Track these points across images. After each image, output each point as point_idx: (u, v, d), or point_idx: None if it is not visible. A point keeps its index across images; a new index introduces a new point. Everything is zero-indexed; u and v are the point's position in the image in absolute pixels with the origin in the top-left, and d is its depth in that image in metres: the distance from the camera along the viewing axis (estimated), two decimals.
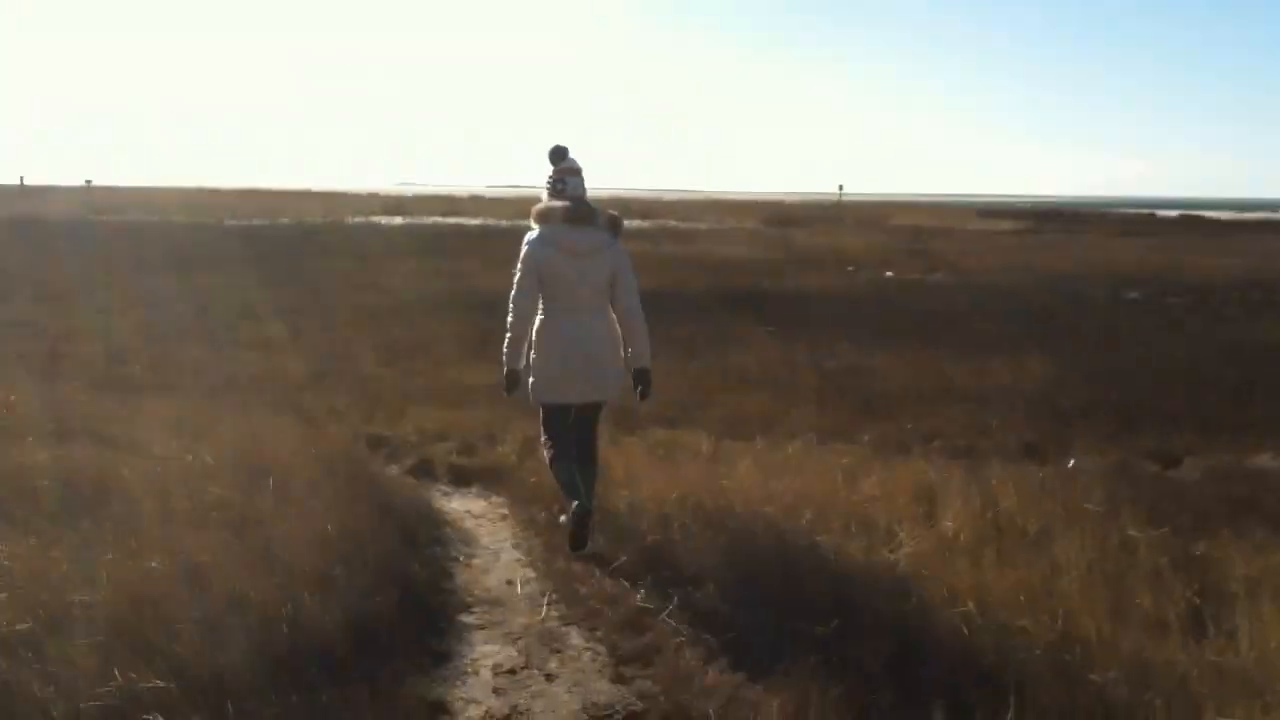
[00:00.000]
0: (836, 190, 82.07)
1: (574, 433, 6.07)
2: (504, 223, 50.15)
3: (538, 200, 6.01)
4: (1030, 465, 8.00)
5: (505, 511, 7.04)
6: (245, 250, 29.35)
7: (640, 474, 6.78)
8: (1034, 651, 4.05)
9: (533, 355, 5.96)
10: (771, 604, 4.65)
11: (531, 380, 5.98)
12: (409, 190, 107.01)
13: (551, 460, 6.10)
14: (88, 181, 79.05)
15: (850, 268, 28.40)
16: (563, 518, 6.19)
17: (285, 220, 48.36)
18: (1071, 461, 8.63)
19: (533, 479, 7.32)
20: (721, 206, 74.32)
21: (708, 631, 4.57)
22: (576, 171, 6.01)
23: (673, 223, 54.91)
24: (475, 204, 71.12)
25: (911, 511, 5.91)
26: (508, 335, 5.94)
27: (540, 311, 5.91)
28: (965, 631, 4.26)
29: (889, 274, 27.13)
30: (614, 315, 5.97)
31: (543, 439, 6.20)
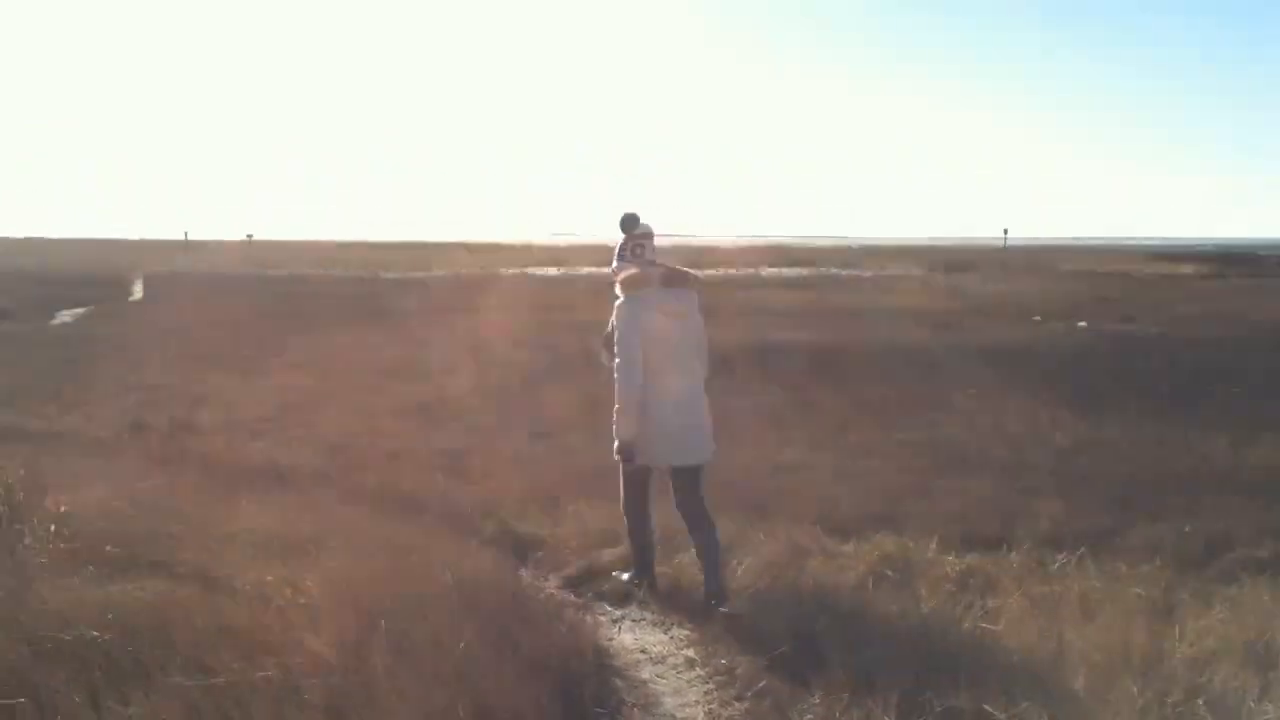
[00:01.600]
0: (1001, 234, 78.98)
1: (677, 499, 6.19)
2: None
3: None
4: None
5: (691, 654, 5.38)
6: (397, 304, 28.51)
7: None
8: None
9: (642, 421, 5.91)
10: None
11: (642, 445, 5.95)
12: (563, 240, 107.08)
13: (637, 529, 6.36)
14: (249, 235, 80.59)
15: (1036, 318, 26.13)
16: (632, 581, 6.36)
17: (440, 273, 47.91)
18: None
19: (737, 604, 5.70)
20: (881, 253, 72.05)
21: None
22: (650, 235, 6.10)
23: (833, 270, 52.98)
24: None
25: None
26: (621, 404, 5.90)
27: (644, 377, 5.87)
28: None
29: (1081, 324, 24.79)
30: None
31: (625, 500, 6.35)
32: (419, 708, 3.98)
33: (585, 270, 52.32)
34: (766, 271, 51.90)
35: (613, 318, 6.09)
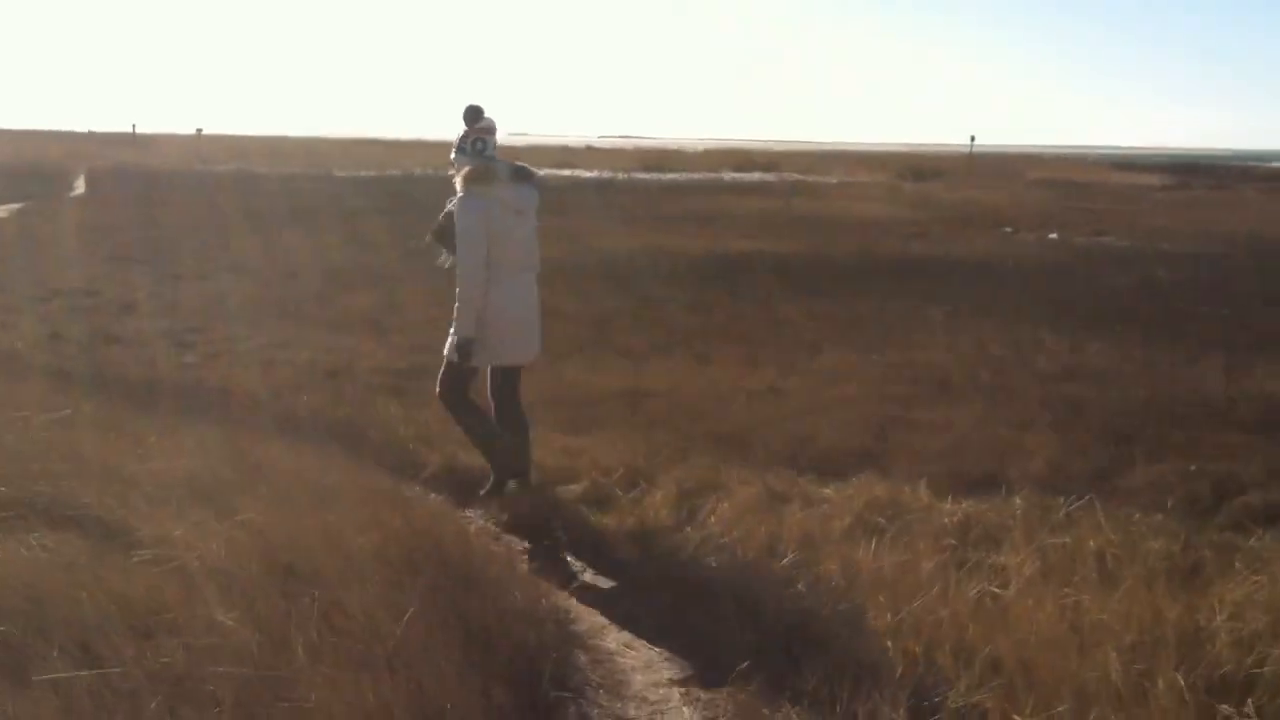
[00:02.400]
0: (968, 141, 78.12)
1: (499, 397, 6.24)
2: (620, 175, 47.89)
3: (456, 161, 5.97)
4: None
5: (666, 622, 4.79)
6: (346, 204, 27.55)
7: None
8: None
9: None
10: None
11: (475, 343, 5.90)
12: (522, 141, 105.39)
13: (483, 426, 6.23)
14: (198, 130, 78.44)
15: (1008, 229, 25.55)
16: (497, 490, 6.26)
17: (394, 172, 46.64)
18: None
19: (711, 560, 5.12)
20: (848, 159, 71.03)
21: None
22: (492, 130, 5.97)
23: (797, 176, 52.09)
24: (590, 155, 68.88)
25: None
26: (463, 302, 5.85)
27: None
28: None
29: (1052, 236, 24.24)
30: None
31: (454, 401, 6.18)
32: (349, 705, 3.36)
33: (544, 170, 51.17)
34: (729, 176, 51.00)
35: (447, 210, 5.99)
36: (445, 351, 6.10)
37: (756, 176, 50.77)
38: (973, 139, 72.76)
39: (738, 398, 9.02)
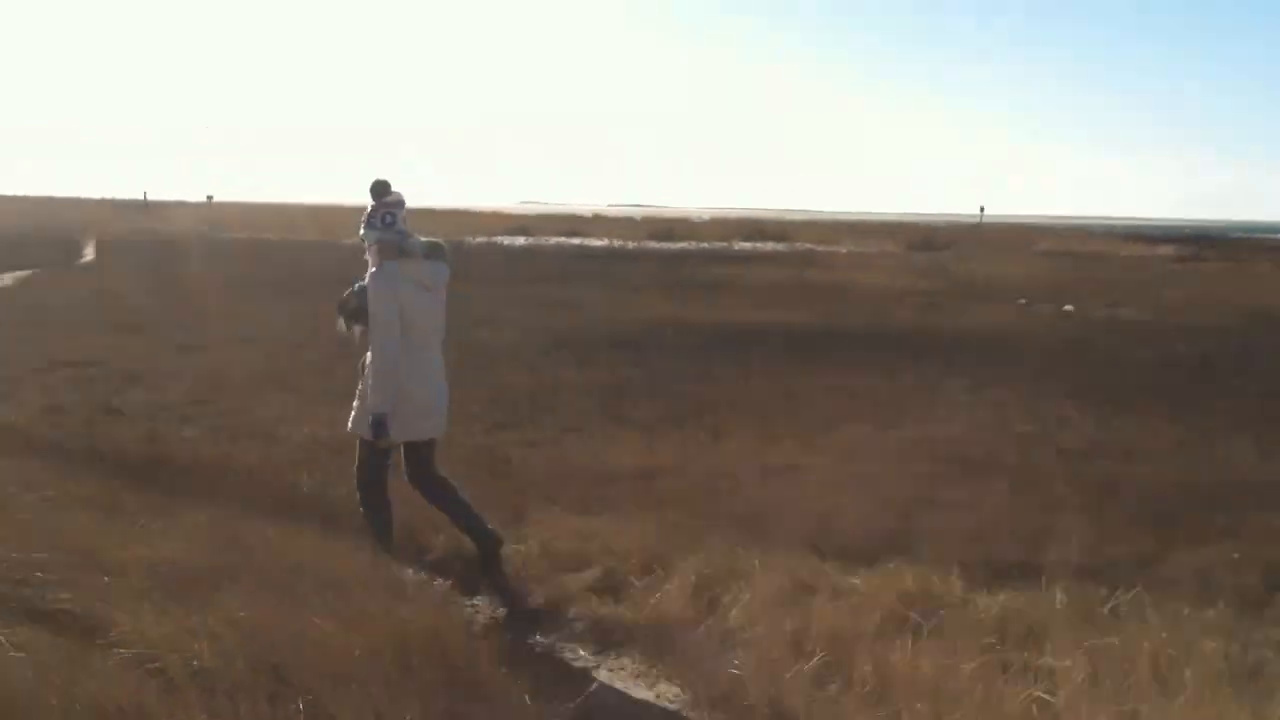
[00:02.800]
0: (977, 212, 78.26)
1: (418, 474, 6.21)
2: (630, 244, 47.88)
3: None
4: None
5: None
6: (353, 272, 27.37)
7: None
8: None
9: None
10: None
11: (396, 420, 5.80)
12: (531, 209, 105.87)
13: (379, 505, 6.11)
14: (209, 197, 78.85)
15: (1022, 300, 25.27)
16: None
17: None
18: None
19: (734, 659, 4.76)
20: (858, 228, 71.04)
21: None
22: (402, 204, 5.94)
23: (807, 246, 52.03)
24: (598, 224, 69.01)
25: None
26: (379, 376, 5.76)
27: None
28: None
29: (1068, 308, 23.95)
30: None
31: (371, 487, 6.08)
32: None
33: (554, 240, 51.12)
34: (738, 245, 50.94)
35: (358, 286, 6.05)
36: (350, 427, 6.08)
37: (769, 246, 50.70)
38: (982, 209, 72.93)
39: (754, 475, 8.69)
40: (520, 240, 50.67)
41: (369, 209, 5.88)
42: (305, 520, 6.43)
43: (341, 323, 6.24)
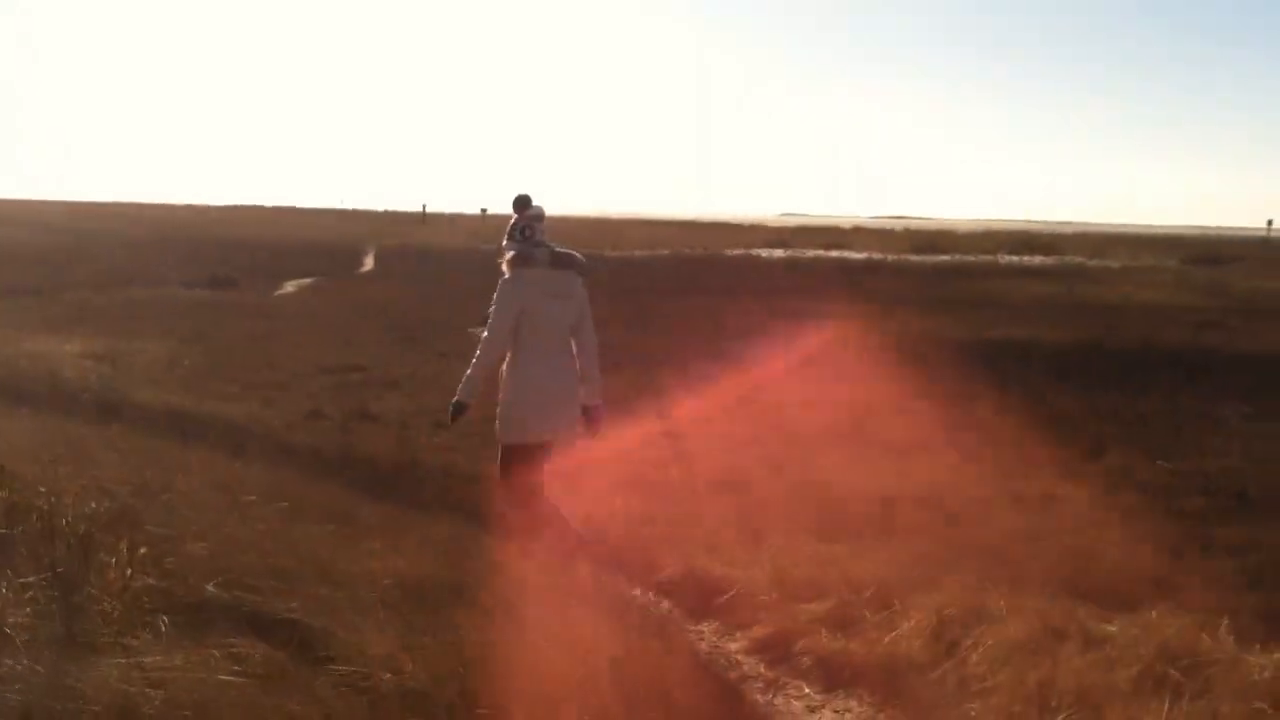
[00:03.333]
0: (1264, 225, 73.28)
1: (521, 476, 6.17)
2: (890, 257, 46.90)
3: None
4: None
5: None
6: (626, 284, 27.66)
7: None
8: None
9: (506, 393, 6.06)
10: None
11: (508, 419, 6.05)
12: (792, 221, 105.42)
13: (521, 503, 6.19)
14: (483, 210, 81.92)
15: None
16: None
17: (664, 251, 47.12)
18: None
19: (971, 710, 4.44)
20: (1132, 241, 67.64)
21: None
22: (541, 217, 6.24)
23: (1078, 259, 49.81)
24: (859, 236, 68.00)
25: None
26: (472, 371, 6.03)
27: (513, 351, 6.04)
28: None
29: None
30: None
31: (504, 481, 6.23)
32: None
33: (811, 253, 50.60)
34: (1004, 259, 49.22)
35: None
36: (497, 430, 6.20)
37: (1037, 260, 48.79)
38: (1270, 223, 68.26)
39: (1006, 503, 8.21)
40: (779, 253, 50.35)
41: (511, 221, 6.19)
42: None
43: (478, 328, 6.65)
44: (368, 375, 13.55)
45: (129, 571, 4.33)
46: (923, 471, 9.10)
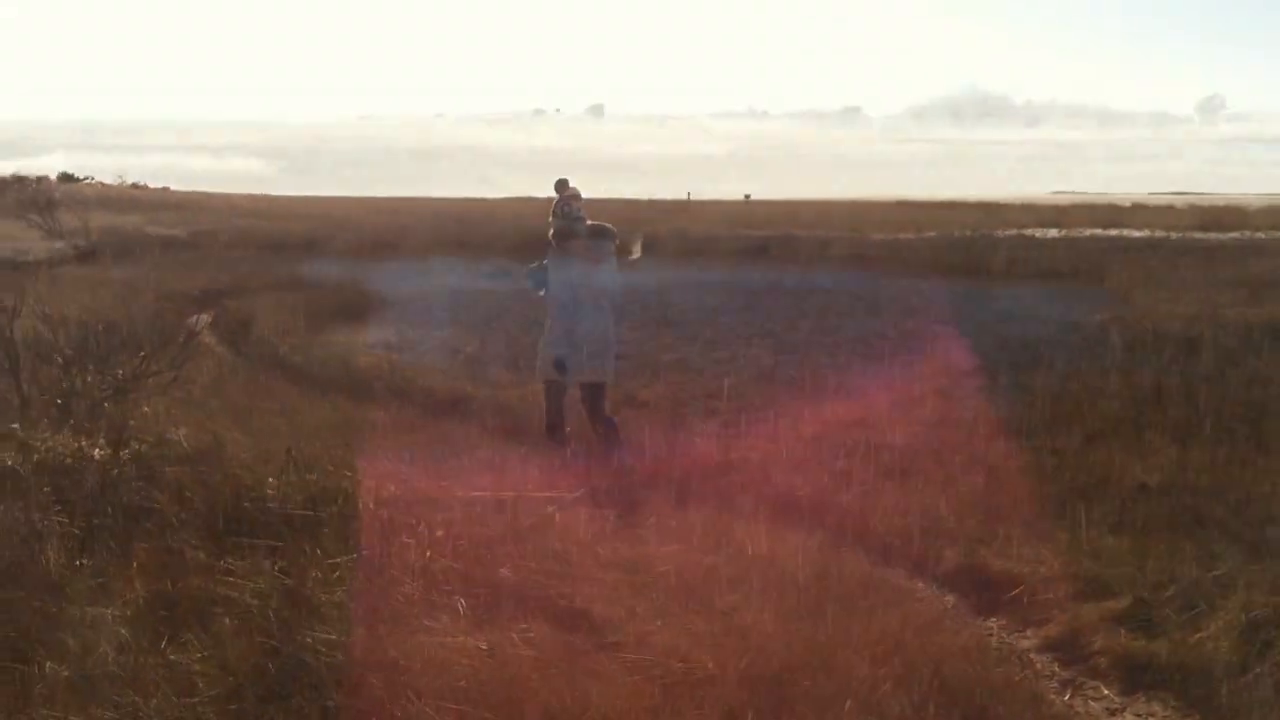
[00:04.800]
0: None
1: (588, 409, 8.06)
2: (1173, 235, 44.12)
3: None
4: None
5: None
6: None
7: None
8: None
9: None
10: None
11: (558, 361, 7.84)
12: (1064, 200, 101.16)
13: (560, 438, 7.98)
14: (746, 196, 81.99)
15: None
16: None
17: (931, 233, 45.77)
18: None
19: None
20: None
21: None
22: (578, 195, 7.86)
23: None
24: (1138, 213, 64.26)
25: None
26: (547, 331, 8.00)
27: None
28: None
29: None
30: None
31: (549, 414, 8.15)
32: None
33: (1088, 232, 48.12)
34: None
35: (542, 261, 8.05)
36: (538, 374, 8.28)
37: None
38: None
39: None
40: (1052, 232, 48.20)
41: (556, 201, 7.84)
42: (797, 525, 6.30)
43: (530, 285, 8.13)
44: (635, 363, 13.52)
45: (428, 554, 4.54)
46: (1207, 460, 8.42)
